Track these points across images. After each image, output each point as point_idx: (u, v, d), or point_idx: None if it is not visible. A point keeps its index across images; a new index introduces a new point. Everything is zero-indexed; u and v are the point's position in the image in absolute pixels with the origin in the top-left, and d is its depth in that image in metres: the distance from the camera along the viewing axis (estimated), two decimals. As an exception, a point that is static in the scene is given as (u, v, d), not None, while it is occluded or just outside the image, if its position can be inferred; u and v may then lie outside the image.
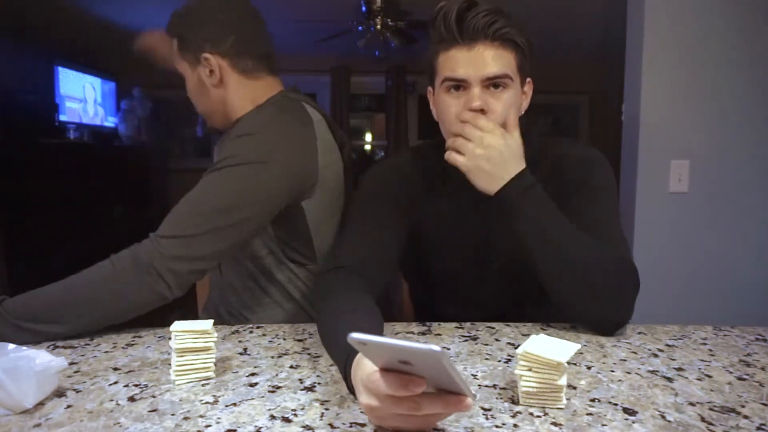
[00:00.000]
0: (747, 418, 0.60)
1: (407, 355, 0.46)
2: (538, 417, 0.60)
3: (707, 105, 1.98)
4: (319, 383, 0.69)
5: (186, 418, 0.60)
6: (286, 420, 0.59)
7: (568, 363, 0.63)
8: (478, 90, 0.88)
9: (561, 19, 3.78)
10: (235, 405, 0.63)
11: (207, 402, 0.64)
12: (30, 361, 0.62)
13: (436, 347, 0.43)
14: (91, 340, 0.87)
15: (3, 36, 3.28)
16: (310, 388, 0.68)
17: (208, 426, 0.58)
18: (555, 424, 0.58)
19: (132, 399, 0.65)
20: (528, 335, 0.86)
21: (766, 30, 1.95)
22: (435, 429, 0.57)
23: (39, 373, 0.61)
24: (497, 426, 0.58)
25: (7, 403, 0.60)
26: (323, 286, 0.86)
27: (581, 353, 0.80)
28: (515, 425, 0.58)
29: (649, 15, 1.96)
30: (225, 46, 1.05)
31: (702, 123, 1.98)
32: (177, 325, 0.70)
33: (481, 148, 0.86)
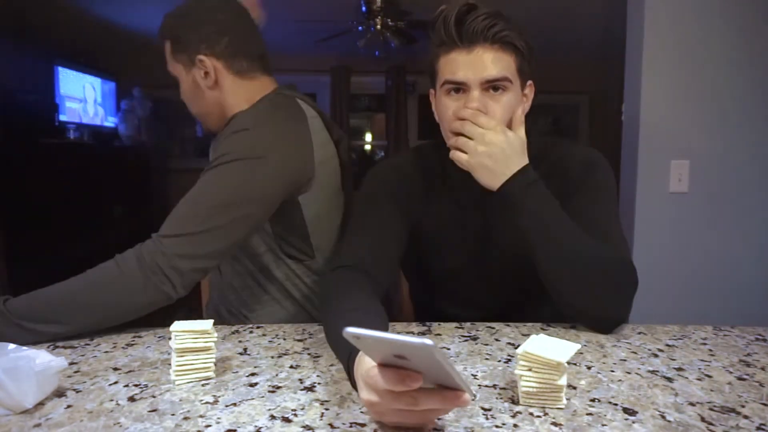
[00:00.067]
0: (747, 418, 0.60)
1: (400, 349, 0.47)
2: (538, 417, 0.60)
3: (707, 105, 1.98)
4: (319, 383, 0.69)
5: (186, 418, 0.60)
6: (286, 420, 0.59)
7: (568, 363, 0.63)
8: (477, 93, 0.89)
9: (561, 19, 3.79)
10: (235, 405, 0.63)
11: (207, 402, 0.64)
12: (30, 361, 0.62)
13: (428, 340, 0.43)
14: (91, 340, 0.87)
15: (3, 36, 3.28)
16: (310, 388, 0.68)
17: (208, 426, 0.58)
18: (555, 424, 0.58)
19: (132, 399, 0.65)
20: (528, 335, 0.86)
21: (766, 30, 1.95)
22: (435, 429, 0.57)
23: (39, 373, 0.61)
24: (497, 426, 0.58)
25: (7, 403, 0.60)
26: (327, 285, 0.87)
27: (581, 353, 0.80)
28: (515, 425, 0.58)
29: (649, 15, 1.96)
30: (220, 47, 1.04)
31: (702, 123, 1.98)
32: (177, 325, 0.70)
33: (482, 145, 0.87)
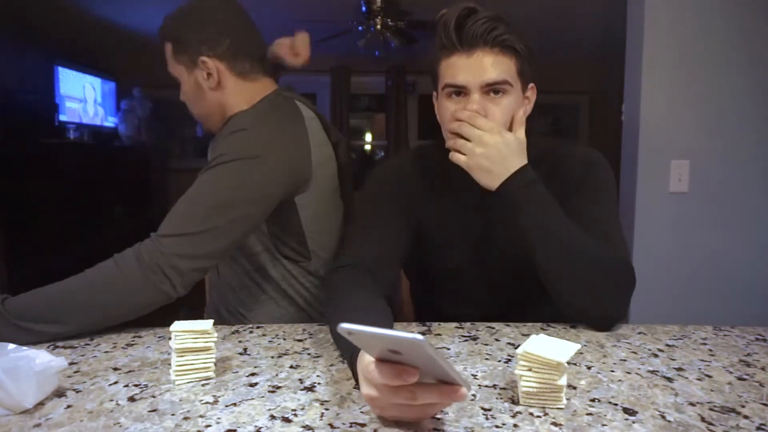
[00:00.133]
0: (747, 418, 0.60)
1: (393, 344, 0.48)
2: (538, 417, 0.60)
3: (707, 105, 1.98)
4: (319, 383, 0.69)
5: (186, 418, 0.60)
6: (286, 420, 0.59)
7: (568, 363, 0.63)
8: (477, 96, 0.89)
9: (561, 19, 3.79)
10: (235, 405, 0.63)
11: (207, 402, 0.64)
12: (30, 361, 0.62)
13: (419, 336, 0.45)
14: (91, 340, 0.87)
15: (3, 36, 3.28)
16: (310, 388, 0.68)
17: (208, 426, 0.58)
18: (555, 424, 0.58)
19: (132, 399, 0.65)
20: (528, 335, 0.86)
21: (766, 30, 1.95)
22: (435, 429, 0.57)
23: (39, 373, 0.61)
24: (497, 426, 0.58)
25: (7, 403, 0.60)
26: (331, 285, 0.87)
27: (581, 353, 0.80)
28: (515, 425, 0.58)
29: (649, 15, 1.95)
30: (222, 48, 1.04)
31: (702, 123, 1.98)
32: (177, 325, 0.70)
33: (480, 146, 0.87)
